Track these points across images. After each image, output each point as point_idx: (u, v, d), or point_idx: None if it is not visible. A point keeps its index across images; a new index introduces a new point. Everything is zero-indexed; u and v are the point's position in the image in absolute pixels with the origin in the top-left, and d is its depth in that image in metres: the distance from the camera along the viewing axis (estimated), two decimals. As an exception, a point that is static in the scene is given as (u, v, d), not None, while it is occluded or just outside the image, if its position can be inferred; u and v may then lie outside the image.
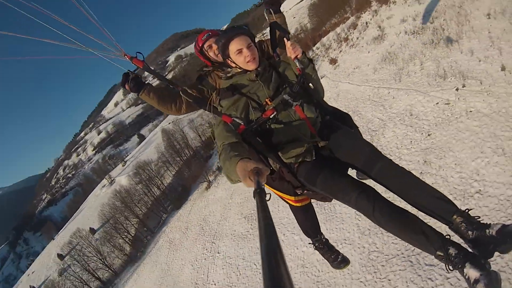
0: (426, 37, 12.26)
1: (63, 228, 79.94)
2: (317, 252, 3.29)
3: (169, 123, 76.84)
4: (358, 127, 2.49)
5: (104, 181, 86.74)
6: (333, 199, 2.23)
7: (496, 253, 1.59)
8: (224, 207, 21.28)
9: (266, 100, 2.13)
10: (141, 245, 36.68)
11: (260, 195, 1.04)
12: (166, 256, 24.79)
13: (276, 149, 2.12)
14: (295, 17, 67.89)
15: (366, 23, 18.20)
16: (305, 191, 2.28)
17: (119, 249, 38.55)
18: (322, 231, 3.11)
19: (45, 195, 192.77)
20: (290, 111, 2.12)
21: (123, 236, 40.71)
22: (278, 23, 2.56)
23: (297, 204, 2.57)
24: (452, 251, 1.56)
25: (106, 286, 35.93)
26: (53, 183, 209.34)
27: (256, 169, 1.44)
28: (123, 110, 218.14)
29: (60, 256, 57.68)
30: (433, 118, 9.34)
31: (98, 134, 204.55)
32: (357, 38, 17.87)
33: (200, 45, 2.70)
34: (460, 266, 1.53)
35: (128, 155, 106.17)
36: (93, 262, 38.81)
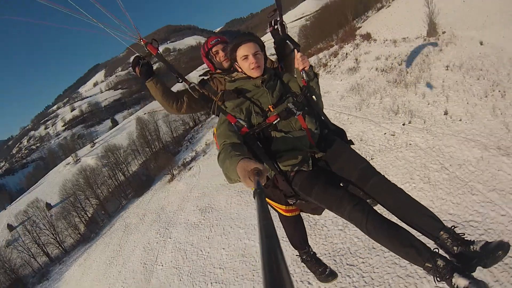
0: (392, 76, 14.24)
1: (17, 199, 76.59)
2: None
3: (145, 114, 76.92)
4: (353, 143, 2.48)
5: (69, 159, 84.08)
6: (322, 213, 2.45)
7: (479, 268, 1.68)
8: (182, 199, 22.49)
9: (269, 106, 2.18)
10: (96, 227, 36.95)
11: (260, 195, 1.06)
12: (120, 239, 25.50)
13: (274, 156, 2.15)
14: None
15: (346, 54, 20.43)
16: (298, 201, 2.29)
17: (74, 227, 38.42)
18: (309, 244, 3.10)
19: (4, 162, 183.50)
20: (292, 120, 2.17)
21: (80, 216, 40.82)
22: (290, 36, 2.70)
23: (287, 214, 2.57)
24: (440, 262, 1.63)
25: (54, 263, 35.41)
26: (14, 151, 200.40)
27: (256, 169, 1.46)
28: (101, 92, 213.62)
29: (10, 227, 56.23)
30: (378, 145, 10.78)
31: (71, 111, 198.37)
32: (335, 66, 19.86)
33: (208, 49, 2.75)
34: (448, 276, 1.61)
35: (98, 138, 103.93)
36: (44, 236, 38.18)
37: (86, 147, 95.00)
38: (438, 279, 1.64)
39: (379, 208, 1.95)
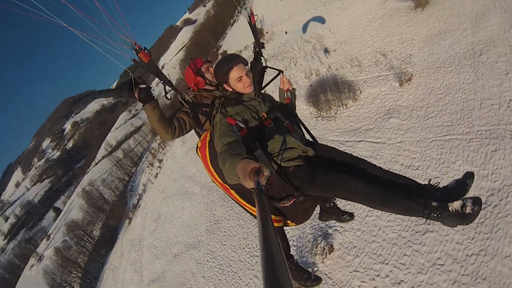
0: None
1: None
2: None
3: (85, 187, 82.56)
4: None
5: (31, 261, 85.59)
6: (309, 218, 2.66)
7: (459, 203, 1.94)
8: (142, 228, 30.94)
9: (264, 114, 2.42)
10: (88, 289, 44.34)
11: (259, 195, 1.07)
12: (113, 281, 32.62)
13: (271, 156, 2.26)
14: (175, 68, 78.11)
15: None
16: (290, 203, 2.34)
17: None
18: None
19: None
20: (283, 127, 2.39)
21: (71, 289, 48.10)
22: (266, 65, 3.19)
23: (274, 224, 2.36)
24: (434, 204, 1.93)
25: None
26: None
27: (256, 169, 1.49)
28: (28, 189, 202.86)
29: None
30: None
31: (6, 221, 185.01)
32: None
33: (199, 67, 2.91)
34: (444, 209, 1.90)
35: (49, 230, 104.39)
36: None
37: (42, 242, 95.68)
38: (439, 215, 1.91)
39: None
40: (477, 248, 6.13)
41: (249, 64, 2.77)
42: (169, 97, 2.59)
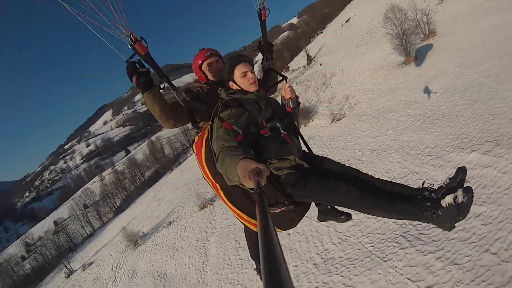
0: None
1: (64, 204, 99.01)
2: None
3: (150, 139, 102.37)
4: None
5: (95, 179, 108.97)
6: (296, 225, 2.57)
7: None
8: (175, 175, 46.39)
9: (263, 121, 2.36)
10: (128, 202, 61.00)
11: (260, 195, 1.07)
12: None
13: (265, 163, 2.21)
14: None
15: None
16: (280, 210, 2.30)
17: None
18: None
19: (28, 193, 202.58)
20: (280, 138, 2.35)
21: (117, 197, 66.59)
22: (273, 68, 2.99)
23: (256, 229, 2.24)
24: (428, 203, 1.91)
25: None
26: (37, 183, 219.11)
27: (256, 169, 1.49)
28: (112, 129, 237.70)
29: (55, 223, 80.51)
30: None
31: (87, 146, 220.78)
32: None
33: (202, 60, 2.78)
34: (437, 207, 1.87)
35: (116, 164, 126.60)
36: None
37: (108, 170, 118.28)
38: (433, 215, 1.87)
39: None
40: None
41: (255, 67, 2.68)
42: (162, 87, 2.45)
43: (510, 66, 13.57)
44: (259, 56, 3.78)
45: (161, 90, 2.45)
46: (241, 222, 2.54)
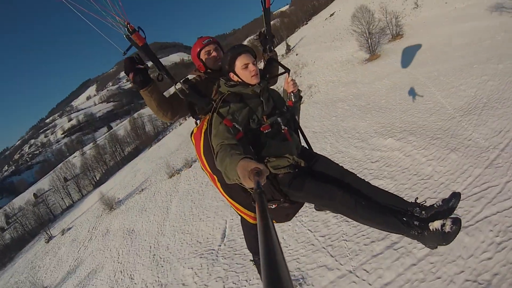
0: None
1: (44, 177, 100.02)
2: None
3: (132, 116, 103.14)
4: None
5: (76, 153, 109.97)
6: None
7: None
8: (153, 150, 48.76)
9: (264, 116, 2.30)
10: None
11: (260, 195, 1.07)
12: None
13: (264, 160, 2.22)
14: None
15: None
16: (277, 206, 2.32)
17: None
18: None
19: (7, 167, 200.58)
20: (280, 134, 2.31)
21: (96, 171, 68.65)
22: (276, 59, 2.92)
23: (254, 222, 2.54)
24: (416, 222, 1.94)
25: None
26: (16, 157, 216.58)
27: (256, 169, 1.49)
28: (95, 104, 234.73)
29: (35, 195, 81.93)
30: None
31: (69, 121, 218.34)
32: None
33: (200, 48, 2.71)
34: (424, 228, 1.91)
35: (97, 139, 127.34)
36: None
37: (89, 145, 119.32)
38: (419, 234, 1.92)
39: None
40: None
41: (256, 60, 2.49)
42: (160, 79, 2.40)
43: (451, 70, 15.76)
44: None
45: (158, 82, 2.42)
46: (238, 214, 2.54)
